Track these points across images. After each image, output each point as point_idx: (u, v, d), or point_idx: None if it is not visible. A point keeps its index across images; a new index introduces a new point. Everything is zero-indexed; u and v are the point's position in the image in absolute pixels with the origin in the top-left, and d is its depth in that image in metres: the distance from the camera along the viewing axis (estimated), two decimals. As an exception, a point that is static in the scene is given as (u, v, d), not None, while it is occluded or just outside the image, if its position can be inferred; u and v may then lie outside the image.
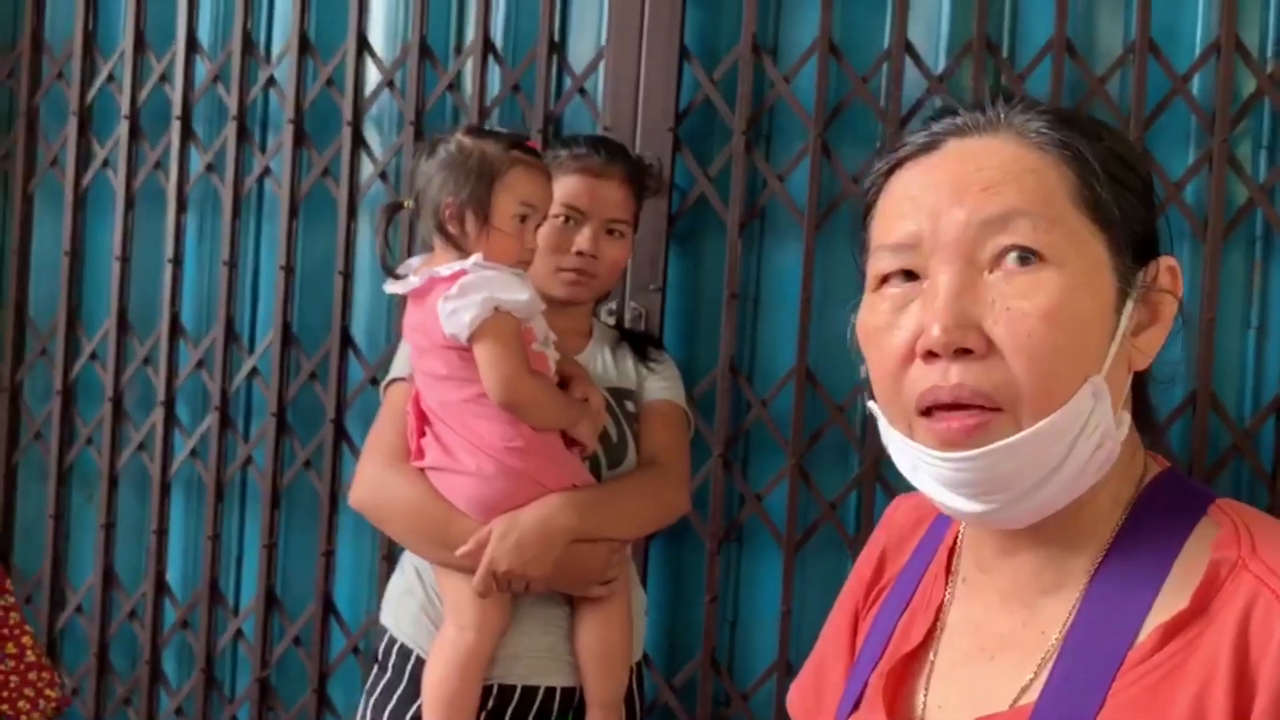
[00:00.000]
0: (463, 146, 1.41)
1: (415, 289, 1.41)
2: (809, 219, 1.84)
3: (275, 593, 2.08)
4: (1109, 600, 0.69)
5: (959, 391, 0.66)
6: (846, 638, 0.88)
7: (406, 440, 1.46)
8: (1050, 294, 0.66)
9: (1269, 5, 1.80)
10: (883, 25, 1.88)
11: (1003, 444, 0.66)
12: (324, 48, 2.06)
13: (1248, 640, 0.62)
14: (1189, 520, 0.70)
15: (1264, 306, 1.80)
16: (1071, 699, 0.66)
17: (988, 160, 0.70)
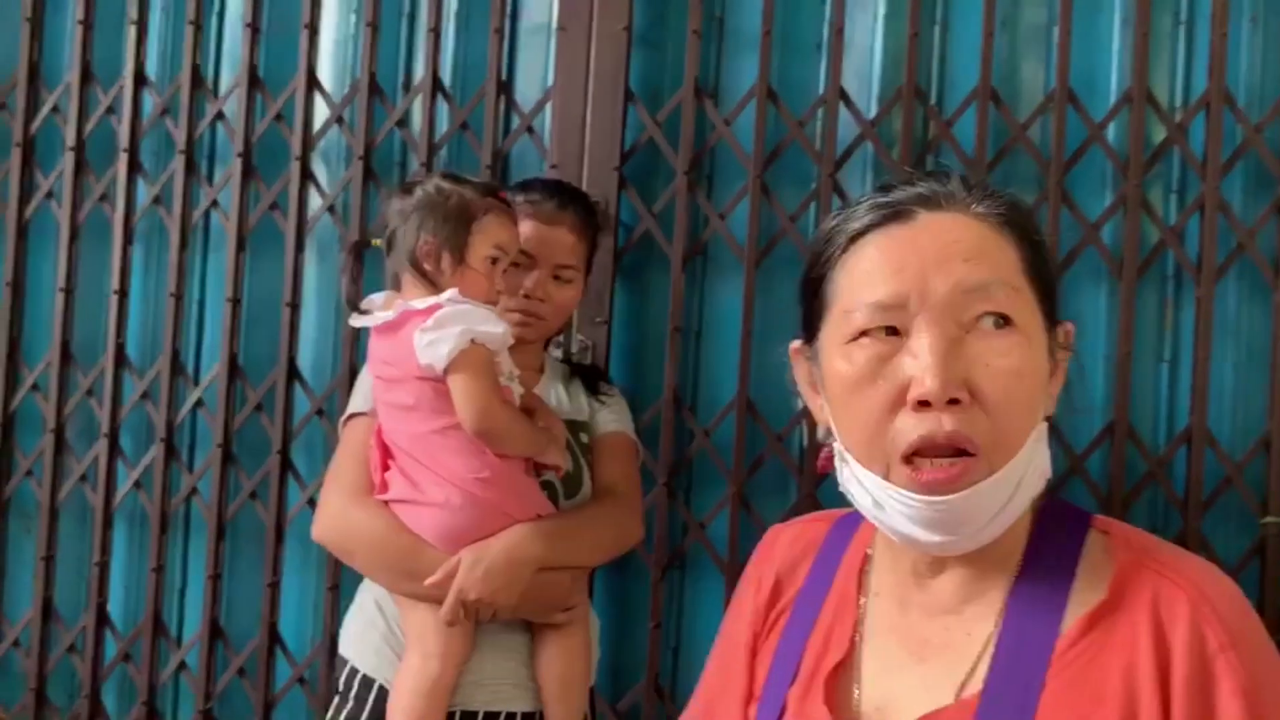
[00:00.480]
0: (442, 190, 1.46)
1: (388, 322, 1.44)
2: (749, 256, 1.91)
3: (220, 624, 2.07)
4: (1031, 601, 0.80)
5: (954, 437, 0.75)
6: (742, 668, 0.93)
7: (368, 474, 1.49)
8: (1020, 354, 0.77)
9: (1177, 59, 1.93)
10: (817, 72, 1.97)
11: (980, 486, 0.76)
12: (273, 83, 2.09)
13: (1160, 620, 0.76)
14: (1079, 532, 0.83)
15: (1176, 341, 1.91)
16: (1015, 686, 0.77)
17: (963, 234, 0.79)
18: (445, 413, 1.42)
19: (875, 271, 0.79)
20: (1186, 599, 0.76)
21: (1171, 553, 0.81)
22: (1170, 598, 0.77)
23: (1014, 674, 0.77)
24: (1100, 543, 0.82)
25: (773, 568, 0.96)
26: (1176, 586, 0.77)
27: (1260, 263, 1.86)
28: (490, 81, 2.01)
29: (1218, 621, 0.75)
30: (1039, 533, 0.83)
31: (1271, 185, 1.87)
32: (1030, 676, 0.77)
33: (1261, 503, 1.84)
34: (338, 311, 2.09)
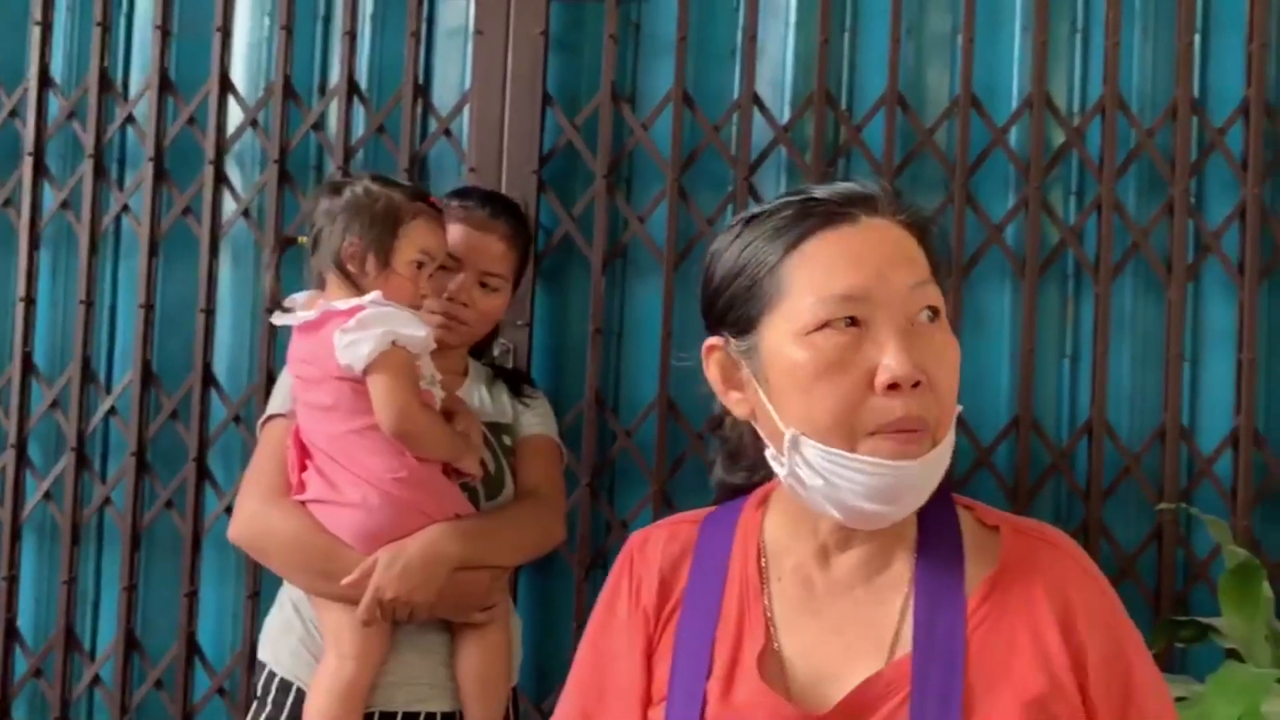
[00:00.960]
0: (370, 192, 1.46)
1: (309, 322, 1.44)
2: (668, 258, 1.95)
3: (135, 635, 2.04)
4: (934, 571, 0.90)
5: (920, 417, 0.84)
6: (638, 673, 0.94)
7: (286, 475, 1.49)
8: (952, 344, 0.88)
9: (1074, 65, 2.01)
10: (731, 78, 2.01)
11: (932, 454, 0.85)
12: (185, 86, 2.06)
13: (1054, 581, 0.89)
14: (950, 508, 0.94)
15: (1076, 337, 1.99)
16: (938, 646, 0.86)
17: (899, 238, 0.89)
18: (364, 413, 1.42)
19: (835, 266, 0.86)
20: (1069, 558, 0.91)
21: (1025, 521, 0.95)
22: (1052, 558, 0.91)
23: (935, 634, 0.86)
24: (969, 518, 0.94)
25: (652, 570, 0.97)
26: (1056, 548, 0.92)
27: (1154, 261, 1.94)
28: (407, 84, 2.01)
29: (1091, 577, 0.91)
30: (924, 512, 0.91)
31: (1163, 186, 1.96)
32: (951, 634, 0.86)
33: (1158, 491, 1.93)
34: (254, 317, 2.07)
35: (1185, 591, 1.91)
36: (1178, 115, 1.94)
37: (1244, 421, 1.91)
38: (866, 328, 0.84)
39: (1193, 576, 1.92)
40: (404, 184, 1.53)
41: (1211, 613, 1.82)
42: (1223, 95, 1.98)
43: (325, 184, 1.54)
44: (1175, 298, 1.93)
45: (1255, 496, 1.91)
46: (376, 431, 1.42)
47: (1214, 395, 1.97)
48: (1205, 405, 1.97)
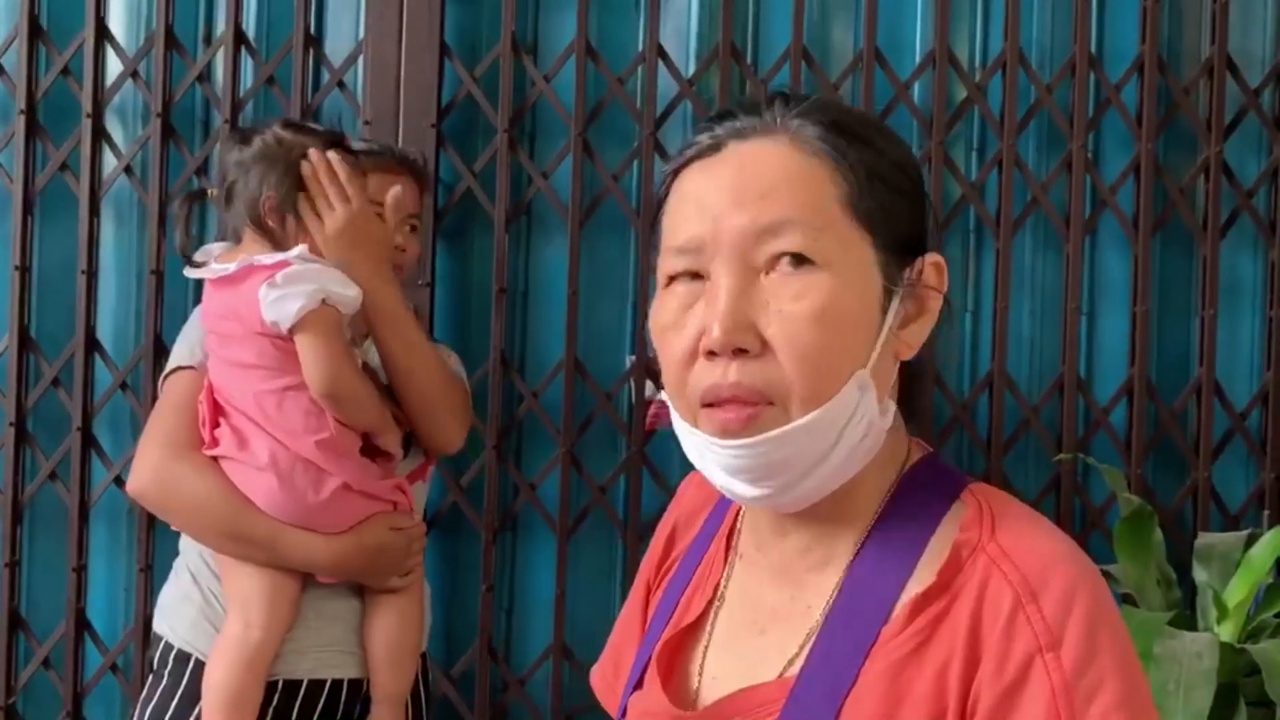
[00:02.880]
0: (283, 140, 1.39)
1: (227, 276, 1.37)
2: (573, 215, 1.91)
3: (19, 613, 1.94)
4: (867, 577, 0.73)
5: (736, 389, 0.70)
6: (639, 615, 0.92)
7: (194, 429, 1.42)
8: (818, 297, 0.70)
9: (975, 21, 2.02)
10: (636, 30, 1.97)
11: (774, 433, 0.70)
12: (57, 33, 1.94)
13: (981, 615, 0.68)
14: (944, 503, 0.75)
15: (978, 292, 2.02)
16: (830, 671, 0.71)
17: (764, 166, 0.73)
18: (288, 372, 1.36)
19: (679, 212, 0.75)
20: (1012, 593, 0.68)
21: (1020, 533, 0.71)
22: (997, 591, 0.68)
23: (833, 658, 0.71)
24: (958, 516, 0.74)
25: (674, 516, 0.93)
26: (1004, 578, 0.68)
27: (1053, 216, 1.97)
28: (297, 33, 1.92)
29: (1041, 620, 0.66)
30: (897, 498, 0.76)
31: (1062, 142, 1.98)
32: (847, 664, 0.71)
33: (1056, 441, 1.97)
34: (139, 278, 1.97)
35: (1083, 540, 1.96)
36: (1076, 71, 1.97)
37: (1138, 372, 1.96)
38: (707, 282, 0.72)
39: (1089, 524, 1.97)
40: (318, 129, 1.45)
41: (1107, 559, 1.87)
42: (1118, 52, 2.01)
43: (234, 132, 1.47)
44: (1073, 252, 1.97)
45: (1148, 446, 1.97)
46: (299, 392, 1.37)
47: (1109, 347, 2.02)
48: (1101, 357, 2.02)
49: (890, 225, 0.73)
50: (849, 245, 0.72)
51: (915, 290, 0.75)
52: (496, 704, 1.96)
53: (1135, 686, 0.67)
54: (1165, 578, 1.56)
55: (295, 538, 1.39)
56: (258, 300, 1.34)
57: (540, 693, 1.95)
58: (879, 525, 0.75)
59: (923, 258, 0.75)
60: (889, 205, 0.74)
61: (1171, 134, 2.02)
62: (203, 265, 1.41)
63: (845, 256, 0.72)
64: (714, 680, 0.79)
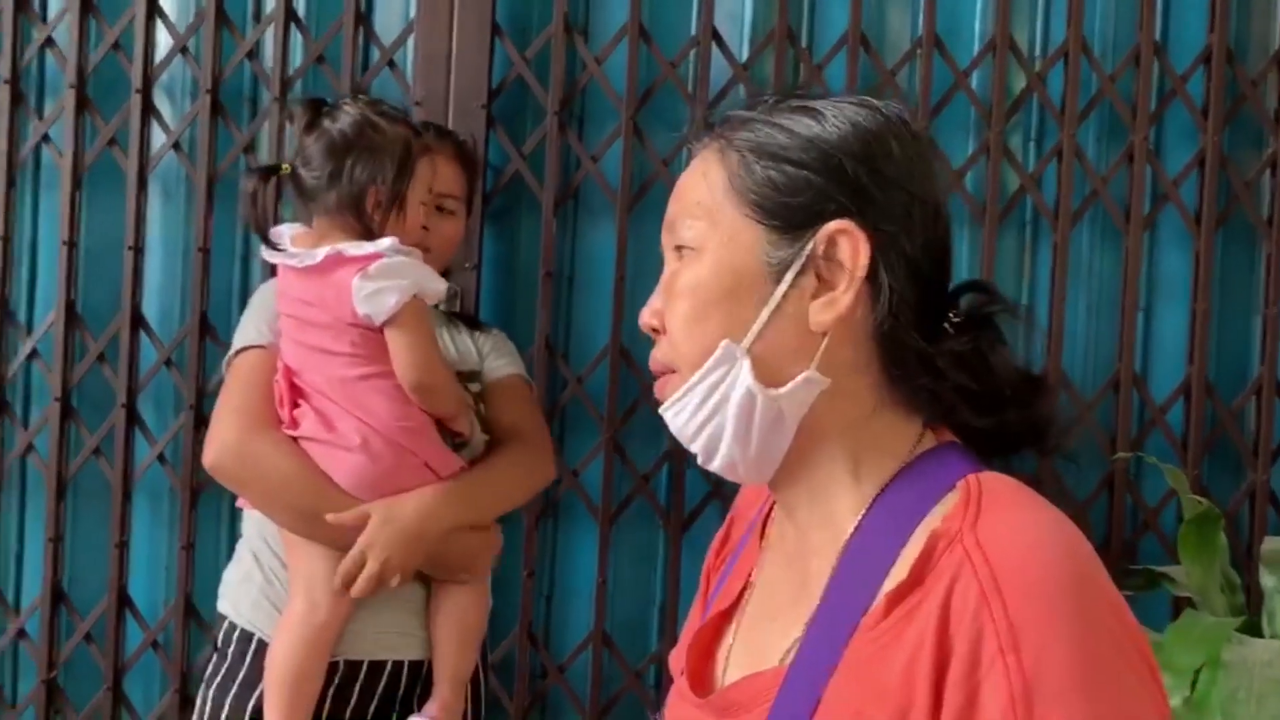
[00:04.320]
0: (380, 129, 1.38)
1: (315, 264, 1.36)
2: (622, 199, 1.88)
3: (62, 588, 1.95)
4: (854, 567, 0.74)
5: (653, 364, 0.82)
6: (702, 602, 0.94)
7: (270, 406, 1.41)
8: (687, 278, 0.78)
9: (1038, 9, 1.97)
10: (690, 12, 1.94)
11: (671, 399, 0.79)
12: (109, 9, 1.93)
13: (949, 611, 0.66)
14: (939, 491, 0.73)
15: (1033, 285, 1.97)
16: (815, 660, 0.72)
17: (688, 172, 0.81)
18: (374, 360, 1.37)
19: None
20: (978, 589, 0.65)
21: (1000, 524, 0.69)
22: (965, 586, 0.66)
23: (817, 649, 0.72)
24: (945, 506, 0.72)
25: (735, 507, 0.98)
26: (974, 572, 0.66)
27: (1113, 209, 1.93)
28: (348, 12, 1.90)
29: (1004, 617, 0.64)
30: (895, 486, 0.75)
31: (1124, 133, 1.94)
32: (829, 653, 0.71)
33: (1110, 440, 1.93)
34: (185, 255, 1.97)
35: (1136, 541, 1.92)
36: (1140, 61, 1.92)
37: (1196, 371, 1.92)
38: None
39: (1143, 525, 1.93)
40: (400, 113, 1.44)
41: (1159, 560, 1.83)
42: (1185, 42, 1.96)
43: (309, 108, 1.41)
44: (1133, 246, 1.92)
45: (1205, 446, 1.92)
46: (385, 379, 1.37)
47: (1167, 344, 1.97)
48: (1158, 355, 1.98)
49: (779, 198, 0.75)
50: (726, 224, 0.77)
51: (827, 261, 0.75)
52: (536, 690, 1.95)
53: (1103, 690, 0.63)
54: (1230, 582, 1.53)
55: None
56: (349, 291, 1.34)
57: (580, 680, 1.94)
58: (870, 514, 0.75)
59: (826, 225, 0.75)
60: (777, 181, 0.75)
61: (1236, 127, 1.96)
62: (279, 247, 1.40)
63: (720, 235, 0.77)
64: (735, 666, 0.82)
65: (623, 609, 1.95)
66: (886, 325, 0.75)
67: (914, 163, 0.78)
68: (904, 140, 0.78)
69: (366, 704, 1.47)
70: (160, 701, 1.94)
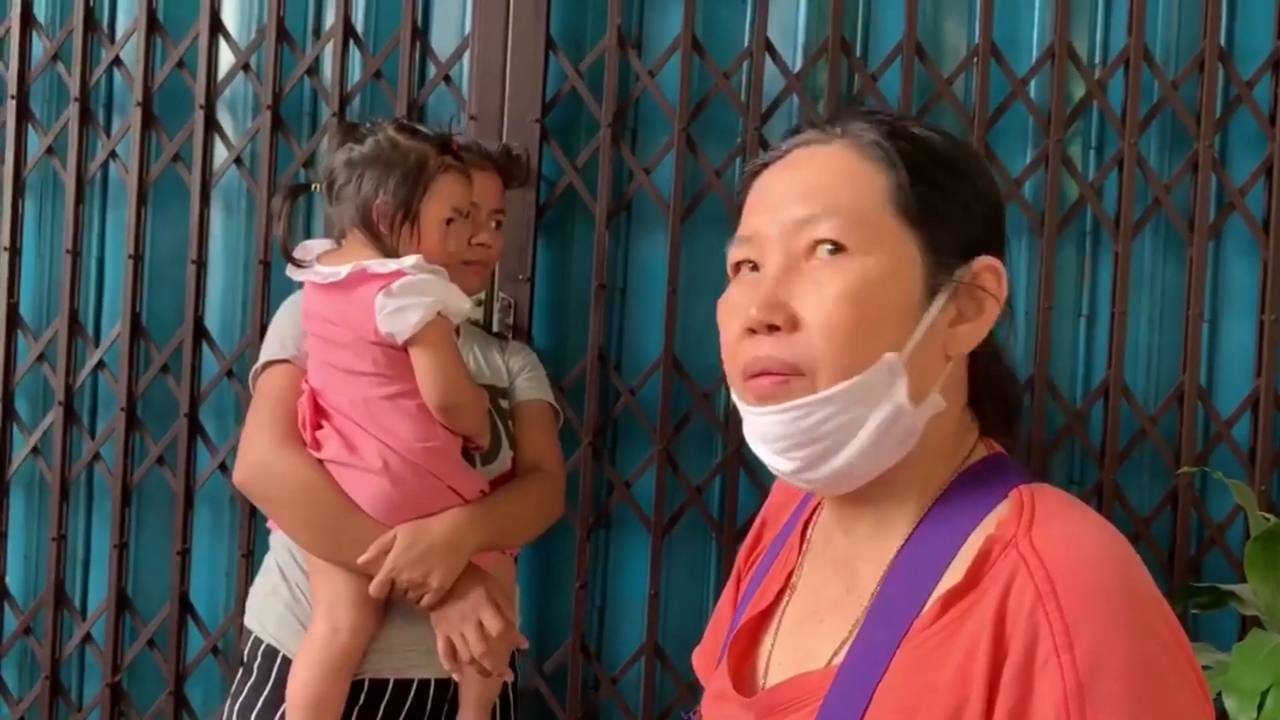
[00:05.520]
0: (396, 144, 1.38)
1: (338, 281, 1.36)
2: (674, 211, 1.88)
3: (127, 594, 1.99)
4: (908, 571, 0.76)
5: (767, 362, 0.76)
6: (731, 601, 0.97)
7: (296, 423, 1.41)
8: (849, 279, 0.75)
9: (1096, 16, 1.94)
10: (743, 24, 1.94)
11: (800, 401, 0.75)
12: (173, 27, 1.98)
13: (1006, 611, 0.68)
14: (991, 500, 0.76)
15: (1093, 296, 1.94)
16: (867, 661, 0.74)
17: (818, 165, 0.80)
18: (398, 380, 1.36)
19: (747, 208, 0.83)
20: (1033, 590, 0.68)
21: (1055, 530, 0.72)
22: (1021, 588, 0.68)
23: (869, 649, 0.74)
24: (999, 514, 0.75)
25: (765, 510, 0.99)
26: (1029, 575, 0.69)
27: (1175, 218, 1.89)
28: (405, 28, 1.93)
29: (1059, 618, 0.66)
30: (949, 496, 0.78)
31: (1187, 141, 1.90)
32: (881, 654, 0.73)
33: (1174, 454, 1.89)
34: (246, 268, 2.01)
35: (1201, 558, 1.87)
36: (1204, 67, 1.88)
37: (1264, 384, 1.87)
38: (762, 269, 0.79)
39: (1208, 541, 1.88)
40: (428, 131, 1.43)
41: (1225, 578, 1.79)
42: (1250, 47, 1.91)
43: (342, 128, 1.43)
44: (1197, 256, 1.88)
45: (1273, 461, 1.87)
46: (408, 399, 1.36)
47: (1233, 357, 1.93)
48: (1224, 367, 1.93)
49: (944, 227, 0.77)
50: (889, 237, 0.76)
51: (972, 291, 0.78)
52: (588, 701, 1.95)
53: (1153, 691, 0.65)
54: (1298, 602, 1.48)
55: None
56: (372, 309, 1.32)
57: (632, 692, 1.93)
58: (928, 520, 0.77)
59: (979, 259, 0.78)
60: (944, 209, 0.78)
61: (1305, 133, 1.91)
62: (305, 264, 1.40)
63: (883, 246, 0.76)
64: (778, 666, 0.83)
65: (675, 621, 1.95)
66: (985, 354, 0.80)
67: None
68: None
69: None
70: (219, 707, 1.96)
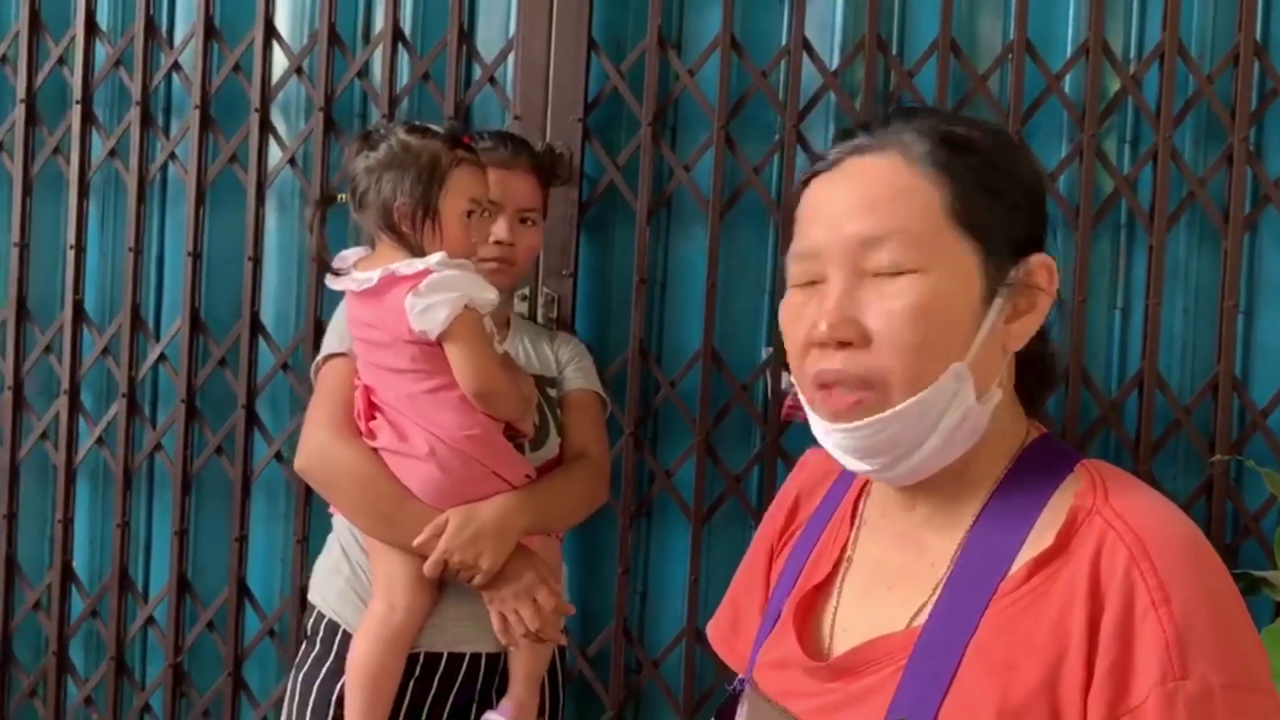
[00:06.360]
0: (408, 146, 1.42)
1: (371, 287, 1.42)
2: (713, 207, 1.93)
3: (187, 578, 2.08)
4: (988, 539, 0.82)
5: (840, 375, 0.80)
6: (761, 575, 1.01)
7: (351, 412, 1.48)
8: (916, 297, 0.78)
9: (1131, 11, 1.96)
10: (780, 22, 1.98)
11: (874, 419, 0.80)
12: (229, 33, 2.05)
13: (1099, 571, 0.76)
14: (1058, 474, 0.83)
15: (1128, 289, 1.96)
16: (952, 622, 0.79)
17: (875, 180, 0.81)
18: (436, 373, 1.42)
19: (804, 220, 0.85)
20: (1126, 551, 0.75)
21: (1130, 499, 0.79)
22: (1111, 549, 0.76)
23: (954, 611, 0.79)
24: (1074, 486, 0.81)
25: (797, 486, 1.02)
26: (1119, 537, 0.76)
27: (1210, 210, 1.91)
28: (451, 31, 1.99)
29: (1154, 576, 0.73)
30: (1015, 472, 0.84)
31: (1222, 135, 1.91)
32: (967, 616, 0.79)
33: (1209, 444, 1.91)
34: (300, 265, 2.08)
35: (1235, 546, 1.89)
36: (1239, 61, 1.89)
37: (1299, 374, 1.88)
38: (824, 283, 0.82)
39: (1242, 530, 1.90)
40: (438, 129, 1.48)
41: (1261, 566, 1.81)
42: (1286, 41, 1.92)
43: (358, 137, 1.49)
44: (1232, 248, 1.90)
45: (1308, 451, 1.89)
46: (448, 390, 1.42)
47: (1268, 347, 1.94)
48: (1259, 357, 1.95)
49: (997, 230, 0.81)
50: (949, 251, 0.80)
51: (1026, 287, 0.82)
52: (630, 684, 2.01)
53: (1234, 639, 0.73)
54: (1329, 588, 1.50)
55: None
56: (403, 310, 1.39)
57: (673, 674, 1.99)
58: (997, 495, 0.83)
59: (1032, 258, 0.82)
60: (996, 212, 0.81)
61: (1342, 125, 1.92)
62: (342, 273, 1.47)
63: (944, 261, 0.79)
64: (845, 633, 0.87)
65: (714, 606, 1.94)
66: (1036, 344, 0.85)
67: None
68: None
69: (446, 694, 1.53)
70: (276, 688, 2.05)
